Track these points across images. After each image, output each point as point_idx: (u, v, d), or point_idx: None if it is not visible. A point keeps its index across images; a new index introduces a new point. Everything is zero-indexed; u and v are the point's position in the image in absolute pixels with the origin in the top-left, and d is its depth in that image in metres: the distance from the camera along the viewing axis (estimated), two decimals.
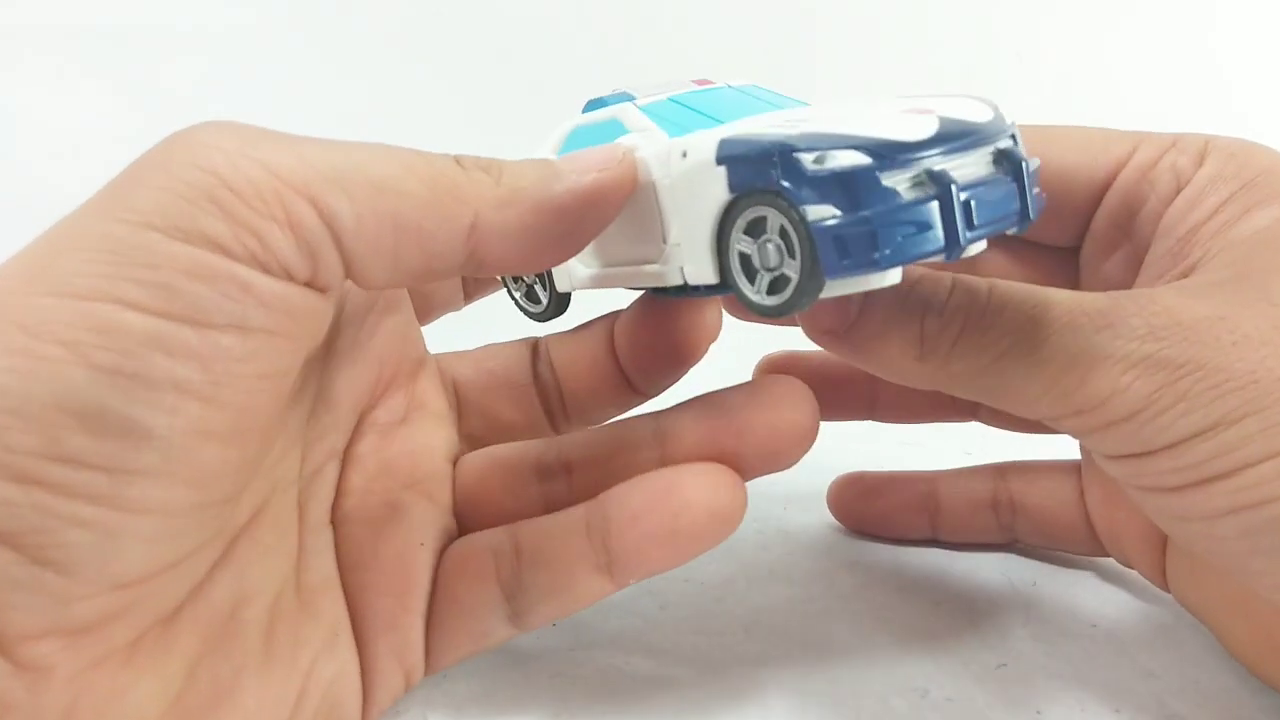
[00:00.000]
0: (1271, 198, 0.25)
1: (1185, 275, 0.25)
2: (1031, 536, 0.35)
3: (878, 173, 0.20)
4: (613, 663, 0.29)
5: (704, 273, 0.24)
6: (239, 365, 0.20)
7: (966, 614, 0.32)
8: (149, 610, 0.21)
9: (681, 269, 0.24)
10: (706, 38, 0.71)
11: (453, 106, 0.69)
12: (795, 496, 0.40)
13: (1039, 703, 0.27)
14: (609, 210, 0.24)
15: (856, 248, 0.20)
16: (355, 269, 0.21)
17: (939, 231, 0.20)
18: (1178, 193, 0.27)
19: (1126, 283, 0.28)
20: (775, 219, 0.21)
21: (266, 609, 0.24)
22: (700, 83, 0.27)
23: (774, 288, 0.22)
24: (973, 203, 0.20)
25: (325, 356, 0.27)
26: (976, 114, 0.22)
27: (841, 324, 0.24)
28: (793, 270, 0.21)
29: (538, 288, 0.29)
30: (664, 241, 0.25)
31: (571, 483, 0.29)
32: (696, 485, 0.25)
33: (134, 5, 0.64)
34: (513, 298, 0.30)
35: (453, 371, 0.32)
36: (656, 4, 0.71)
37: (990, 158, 0.22)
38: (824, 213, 0.20)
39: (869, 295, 0.24)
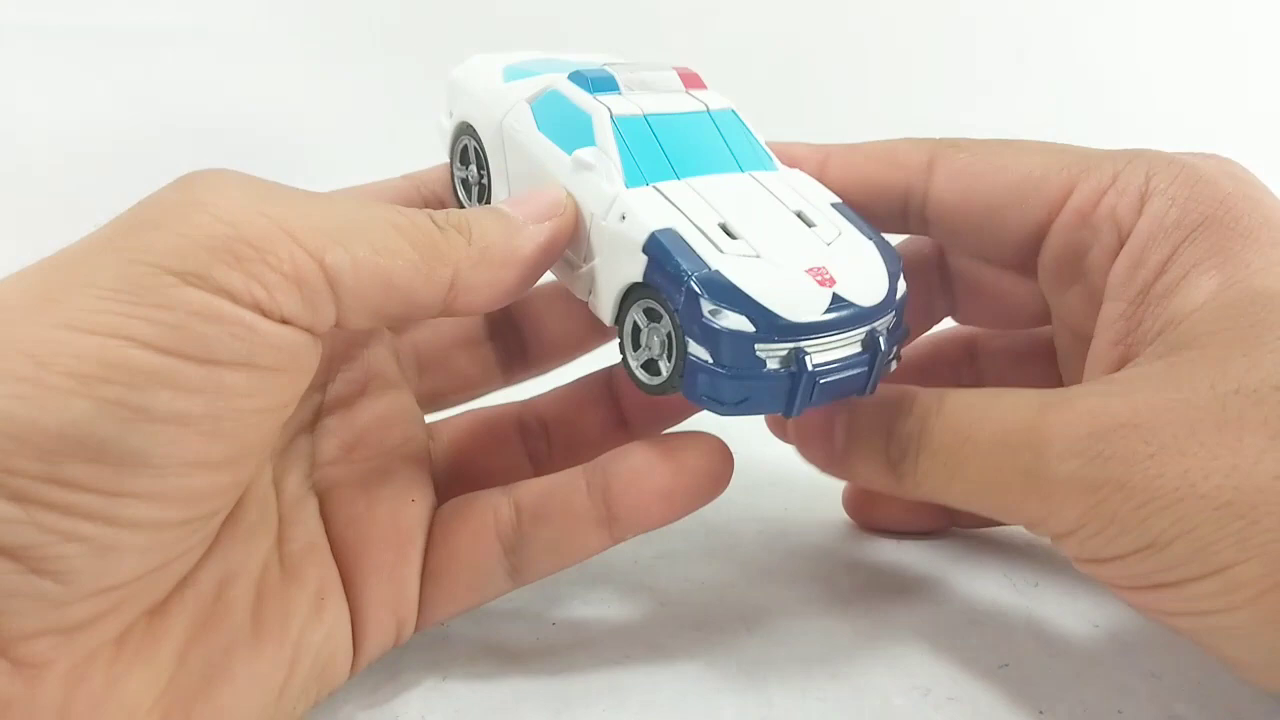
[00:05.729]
0: (1210, 256, 0.24)
1: (1140, 346, 0.25)
2: None
3: (755, 343, 0.23)
4: (614, 661, 0.29)
5: (603, 311, 0.27)
6: (242, 400, 0.21)
7: (969, 614, 0.32)
8: (137, 604, 0.23)
9: (589, 292, 0.27)
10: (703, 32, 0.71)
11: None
12: (797, 496, 0.40)
13: (1041, 703, 0.27)
14: (557, 253, 0.27)
15: (714, 389, 0.24)
16: (344, 316, 0.23)
17: (784, 401, 0.24)
18: (1120, 244, 0.26)
19: (1089, 314, 0.27)
20: (667, 324, 0.25)
21: (253, 585, 0.25)
22: (685, 77, 0.30)
23: (648, 367, 0.26)
24: (819, 382, 0.24)
25: None
26: (869, 292, 0.25)
27: (827, 458, 0.28)
28: (665, 369, 0.25)
29: None
30: (584, 260, 0.27)
31: (550, 439, 0.33)
32: (693, 449, 0.27)
33: (134, 5, 0.64)
34: None
35: (410, 333, 0.34)
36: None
37: (862, 338, 0.25)
38: (700, 353, 0.24)
39: (847, 423, 0.27)
